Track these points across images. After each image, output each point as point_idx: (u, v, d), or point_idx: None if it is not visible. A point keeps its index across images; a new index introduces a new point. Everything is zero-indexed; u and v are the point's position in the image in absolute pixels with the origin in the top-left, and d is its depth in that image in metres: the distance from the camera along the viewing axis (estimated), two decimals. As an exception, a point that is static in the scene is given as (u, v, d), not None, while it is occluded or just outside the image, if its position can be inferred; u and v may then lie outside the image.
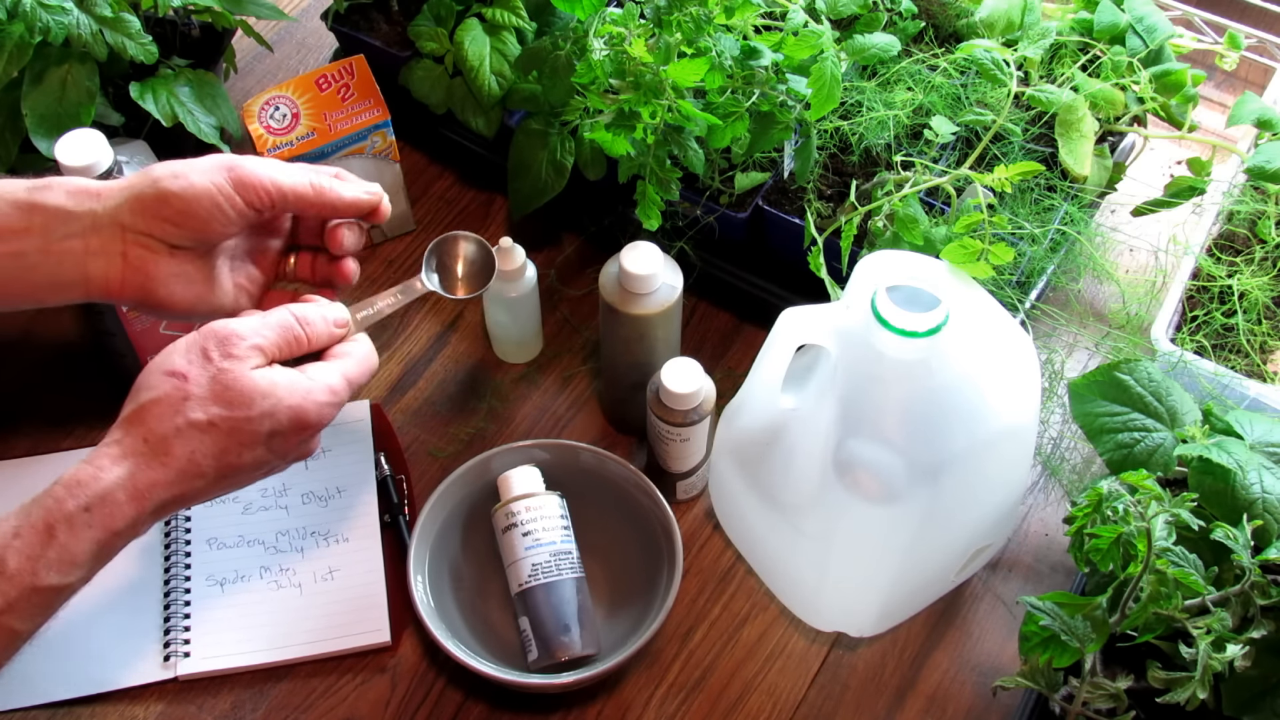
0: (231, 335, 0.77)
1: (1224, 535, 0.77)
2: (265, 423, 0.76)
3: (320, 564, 1.01)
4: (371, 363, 0.84)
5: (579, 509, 0.99)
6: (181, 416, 0.75)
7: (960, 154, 1.05)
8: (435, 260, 0.92)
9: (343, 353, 0.82)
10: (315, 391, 0.78)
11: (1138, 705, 0.82)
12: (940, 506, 0.86)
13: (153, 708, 0.95)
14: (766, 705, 0.95)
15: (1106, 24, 1.07)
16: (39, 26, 0.96)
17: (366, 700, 0.95)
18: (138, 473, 0.74)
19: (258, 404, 0.76)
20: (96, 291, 0.82)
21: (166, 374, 0.76)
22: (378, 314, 0.87)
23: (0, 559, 0.71)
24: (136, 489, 0.74)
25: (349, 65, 1.11)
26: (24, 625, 0.73)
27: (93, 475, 0.74)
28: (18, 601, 0.71)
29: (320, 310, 0.83)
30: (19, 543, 0.72)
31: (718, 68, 0.95)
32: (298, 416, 0.77)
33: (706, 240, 1.07)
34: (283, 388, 0.77)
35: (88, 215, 0.81)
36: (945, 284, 0.86)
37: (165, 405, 0.75)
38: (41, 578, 0.72)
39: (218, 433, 0.76)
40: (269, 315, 0.80)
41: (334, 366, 0.81)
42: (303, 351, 0.81)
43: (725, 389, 1.02)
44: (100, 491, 0.73)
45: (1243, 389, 0.95)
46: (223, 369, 0.76)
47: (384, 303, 0.88)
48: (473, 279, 0.94)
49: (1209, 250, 1.05)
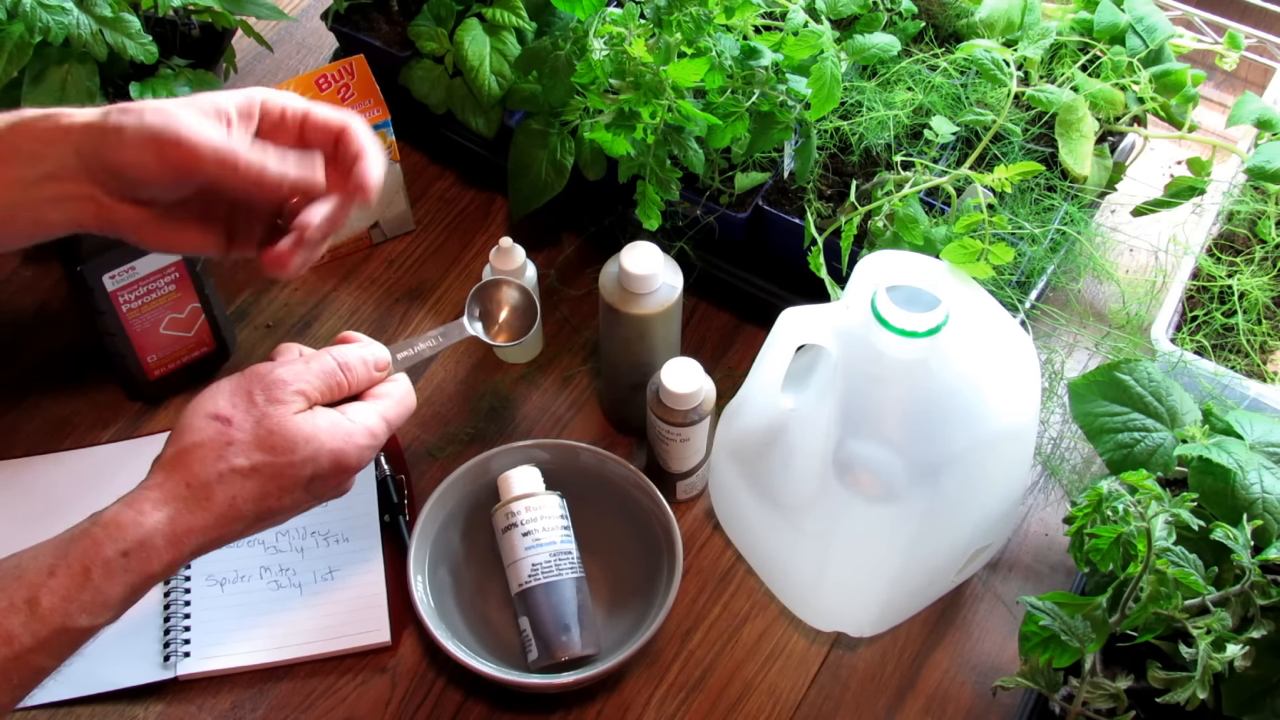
0: (277, 380, 0.78)
1: (1224, 535, 0.77)
2: (307, 468, 0.77)
3: (320, 564, 1.01)
4: (409, 403, 0.84)
5: (579, 509, 0.99)
6: (225, 462, 0.75)
7: (960, 154, 1.05)
8: (478, 306, 0.93)
9: (382, 394, 0.83)
10: (356, 435, 0.79)
11: (1138, 705, 0.82)
12: (940, 506, 0.86)
13: (153, 708, 0.95)
14: (766, 705, 0.95)
15: (1106, 24, 1.07)
16: (39, 26, 0.96)
17: (366, 700, 0.95)
18: (177, 518, 0.74)
19: (300, 449, 0.76)
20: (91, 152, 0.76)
21: (210, 416, 0.76)
22: (417, 355, 0.88)
23: (34, 598, 0.71)
24: (175, 534, 0.74)
25: (349, 65, 1.11)
26: (50, 663, 0.73)
27: (133, 520, 0.74)
28: (48, 640, 0.71)
29: (361, 353, 0.83)
30: (54, 582, 0.72)
31: (718, 68, 0.95)
32: (338, 460, 0.78)
33: (706, 240, 1.07)
34: (325, 432, 0.77)
35: (55, 157, 0.76)
36: (945, 284, 0.86)
37: (208, 450, 0.75)
38: (73, 619, 0.72)
39: (260, 478, 0.76)
40: (312, 361, 0.80)
41: (373, 408, 0.81)
42: (343, 395, 0.81)
43: (725, 389, 1.02)
44: (140, 537, 0.73)
45: (1243, 389, 0.95)
46: (266, 414, 0.76)
47: (424, 345, 0.88)
48: (514, 326, 0.94)
49: (1209, 250, 1.05)
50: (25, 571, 0.72)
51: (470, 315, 0.92)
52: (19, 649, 0.70)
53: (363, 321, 1.15)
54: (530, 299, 0.95)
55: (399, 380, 0.84)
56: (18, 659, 0.71)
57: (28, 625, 0.70)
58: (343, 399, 0.81)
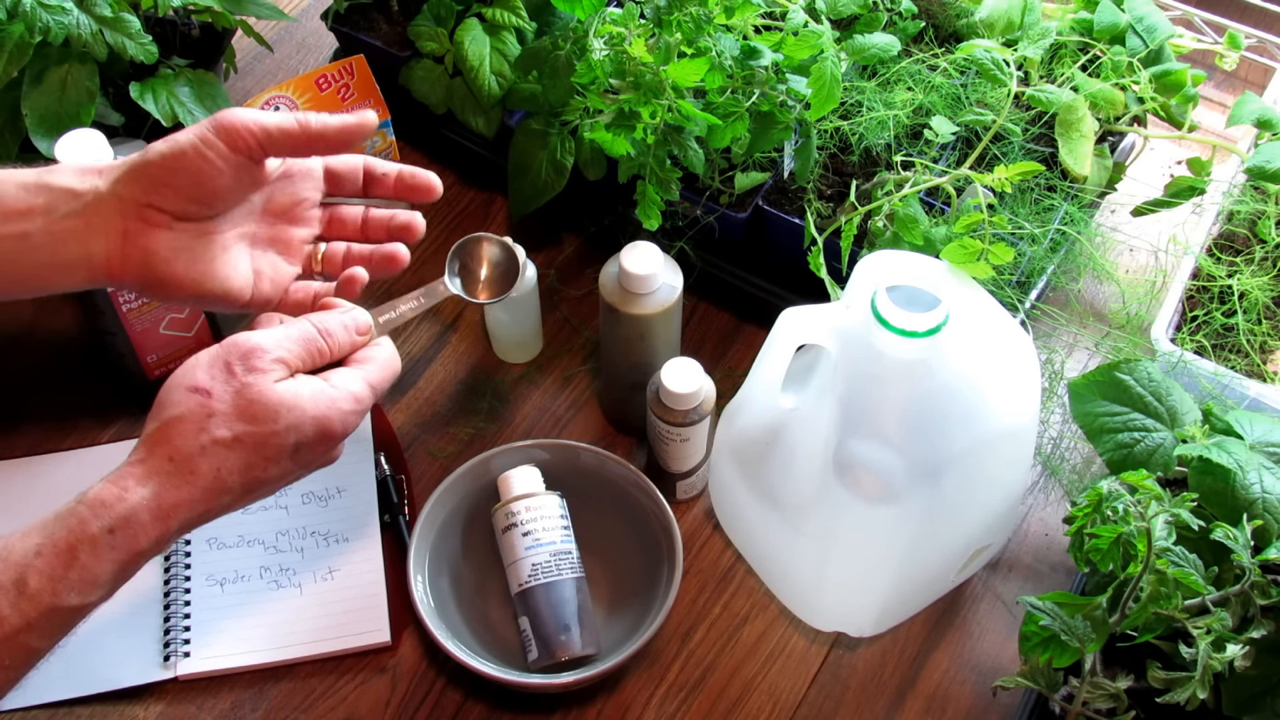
0: (255, 349, 0.76)
1: (1224, 535, 0.77)
2: (290, 436, 0.76)
3: (320, 564, 1.01)
4: (394, 366, 0.82)
5: (579, 509, 0.99)
6: (206, 434, 0.74)
7: (960, 154, 1.05)
8: (458, 262, 0.90)
9: (365, 358, 0.81)
10: (339, 400, 0.77)
11: (1138, 705, 0.82)
12: (940, 506, 0.86)
13: (153, 708, 0.95)
14: (766, 705, 0.95)
15: (1106, 24, 1.07)
16: (39, 26, 0.96)
17: (366, 700, 0.95)
18: (163, 493, 0.74)
19: (283, 417, 0.75)
20: (99, 272, 0.80)
21: (189, 390, 0.75)
22: (400, 318, 0.85)
23: (21, 578, 0.71)
24: (161, 509, 0.74)
25: (349, 65, 1.11)
26: (42, 643, 0.73)
27: (117, 496, 0.73)
28: (38, 621, 0.71)
29: (341, 318, 0.81)
30: (40, 562, 0.71)
31: (718, 68, 0.95)
32: (323, 427, 0.77)
33: (706, 240, 1.07)
34: (307, 399, 0.76)
35: (90, 192, 0.80)
36: (945, 284, 0.86)
37: (189, 423, 0.75)
38: (62, 598, 0.72)
39: (243, 448, 0.75)
40: (290, 327, 0.79)
41: (357, 373, 0.80)
42: (325, 362, 0.80)
43: (725, 389, 1.02)
44: (124, 513, 0.73)
45: (1243, 389, 0.95)
46: (246, 383, 0.75)
47: (405, 306, 0.86)
48: (496, 283, 0.91)
49: (1209, 250, 1.05)
50: (11, 552, 0.71)
51: (450, 272, 0.89)
52: (8, 630, 0.70)
53: (363, 321, 1.15)
54: (513, 254, 0.91)
55: (382, 343, 0.82)
56: (8, 640, 0.70)
57: (16, 606, 0.70)
58: (325, 365, 0.80)
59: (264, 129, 0.81)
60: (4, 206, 0.79)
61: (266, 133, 0.81)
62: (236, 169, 0.81)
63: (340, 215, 0.90)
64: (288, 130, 0.82)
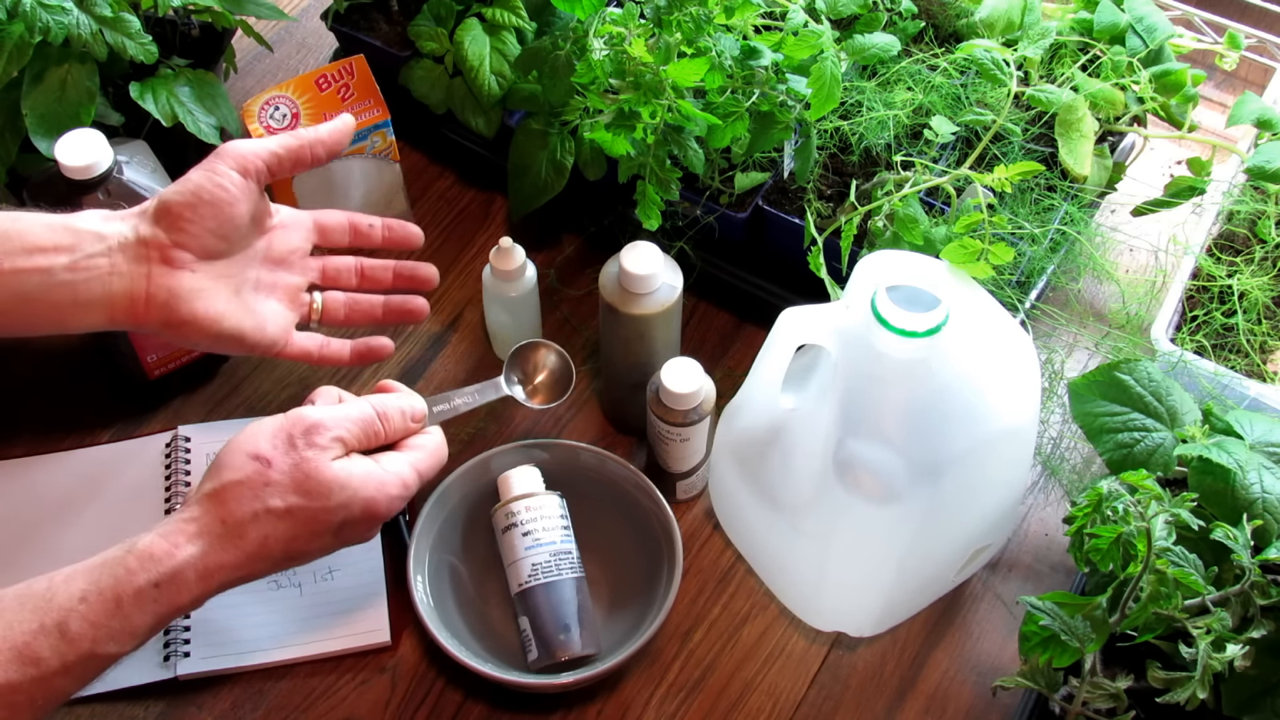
0: (317, 424, 0.79)
1: (1224, 535, 0.77)
2: (339, 514, 0.79)
3: (320, 564, 1.00)
4: (442, 456, 0.87)
5: (579, 509, 0.99)
6: (260, 502, 0.77)
7: (960, 154, 1.05)
8: (517, 366, 0.97)
9: (416, 445, 0.85)
10: (389, 485, 0.81)
11: (1138, 705, 0.82)
12: (940, 506, 0.86)
13: (153, 708, 0.95)
14: (766, 705, 0.95)
15: (1106, 24, 1.07)
16: (39, 26, 0.96)
17: (366, 700, 0.95)
18: (210, 553, 0.76)
19: (335, 495, 0.78)
20: (121, 313, 0.83)
21: (251, 456, 0.78)
22: (453, 410, 0.91)
23: (64, 622, 0.72)
24: (206, 569, 0.76)
25: (349, 65, 1.11)
26: (73, 687, 0.74)
27: (167, 551, 0.75)
28: (74, 665, 0.72)
29: (400, 404, 0.85)
30: (84, 608, 0.73)
31: (718, 68, 0.95)
32: (369, 509, 0.80)
33: (706, 240, 1.07)
34: (359, 480, 0.79)
35: (116, 235, 0.83)
36: (945, 284, 0.86)
37: (246, 488, 0.77)
38: (101, 646, 0.73)
39: (293, 520, 0.77)
40: (351, 407, 0.83)
41: (406, 459, 0.83)
42: (379, 444, 0.84)
43: (725, 389, 1.02)
44: (172, 569, 0.75)
45: (1243, 389, 0.95)
46: (305, 458, 0.78)
47: (460, 400, 0.91)
48: (550, 389, 0.98)
49: (1209, 250, 1.05)
50: (56, 594, 0.73)
51: (509, 379, 0.96)
52: (45, 671, 0.71)
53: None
54: (567, 363, 0.98)
55: (433, 433, 0.87)
56: (43, 681, 0.71)
57: (56, 649, 0.71)
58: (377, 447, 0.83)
59: (267, 149, 0.87)
60: (29, 241, 0.81)
61: (270, 151, 0.87)
62: (249, 197, 0.86)
63: (334, 266, 0.96)
64: (288, 145, 0.88)
